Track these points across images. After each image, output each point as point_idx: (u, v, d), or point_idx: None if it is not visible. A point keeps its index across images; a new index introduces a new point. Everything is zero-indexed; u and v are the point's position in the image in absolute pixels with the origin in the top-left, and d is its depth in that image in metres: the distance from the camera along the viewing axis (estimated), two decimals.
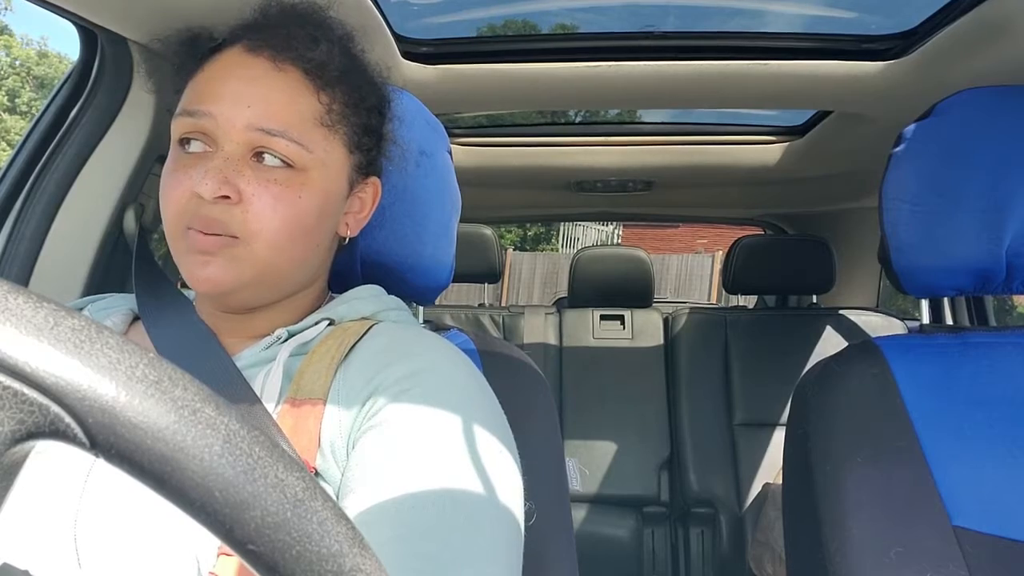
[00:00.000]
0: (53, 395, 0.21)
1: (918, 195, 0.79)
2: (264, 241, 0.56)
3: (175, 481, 0.22)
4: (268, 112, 0.56)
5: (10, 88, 13.98)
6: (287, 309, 0.63)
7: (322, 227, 0.60)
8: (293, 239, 0.57)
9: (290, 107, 0.57)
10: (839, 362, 0.82)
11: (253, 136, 0.56)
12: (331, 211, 0.61)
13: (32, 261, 0.90)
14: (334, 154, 0.60)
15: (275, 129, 0.56)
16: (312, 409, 0.53)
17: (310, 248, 0.60)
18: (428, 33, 1.18)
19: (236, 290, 0.57)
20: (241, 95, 0.56)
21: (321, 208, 0.59)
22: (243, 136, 0.56)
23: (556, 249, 11.61)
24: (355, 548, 0.24)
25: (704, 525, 1.80)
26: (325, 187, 0.59)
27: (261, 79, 0.57)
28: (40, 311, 0.22)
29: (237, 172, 0.55)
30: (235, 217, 0.55)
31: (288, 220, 0.56)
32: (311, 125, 0.58)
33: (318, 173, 0.58)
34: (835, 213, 2.16)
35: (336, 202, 0.62)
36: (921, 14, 1.05)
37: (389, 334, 0.59)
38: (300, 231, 0.57)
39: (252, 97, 0.56)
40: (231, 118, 0.56)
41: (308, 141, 0.57)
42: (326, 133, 0.59)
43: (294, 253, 0.58)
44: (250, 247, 0.55)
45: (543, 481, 0.71)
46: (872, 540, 0.70)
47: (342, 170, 0.61)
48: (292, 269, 0.59)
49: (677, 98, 1.36)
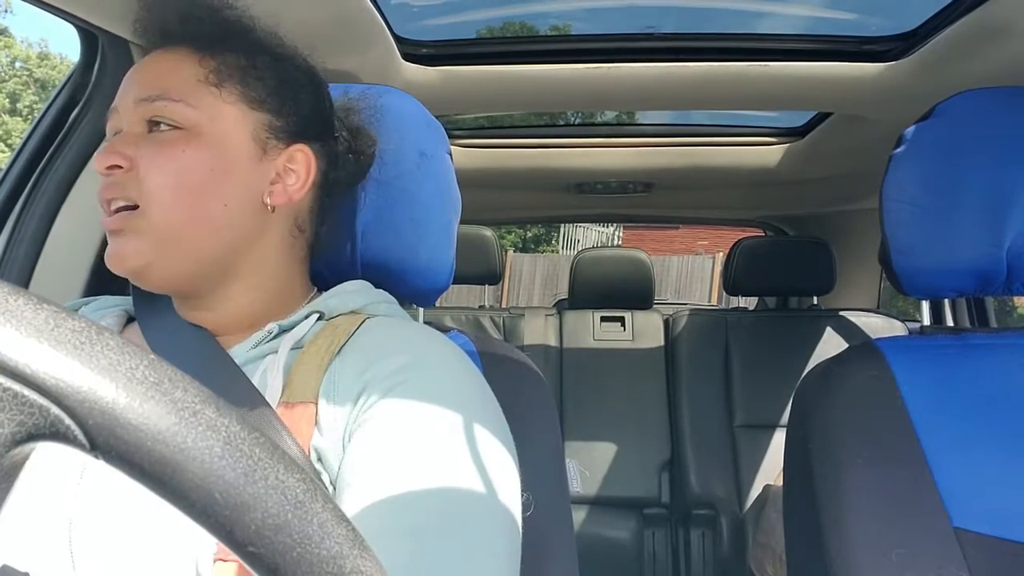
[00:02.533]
0: (53, 397, 0.21)
1: (918, 196, 0.79)
2: (156, 202, 0.56)
3: (175, 483, 0.22)
4: (148, 82, 0.59)
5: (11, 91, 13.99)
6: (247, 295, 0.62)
7: (220, 185, 0.59)
8: (181, 195, 0.57)
9: (170, 73, 0.60)
10: (840, 363, 0.82)
11: (140, 109, 0.58)
12: (231, 169, 0.59)
13: (32, 263, 0.90)
14: (225, 110, 0.60)
15: (153, 94, 0.58)
16: (304, 412, 0.52)
17: (210, 208, 0.58)
18: (429, 35, 1.18)
19: (148, 265, 0.57)
20: (132, 82, 0.61)
21: (213, 163, 0.58)
22: (133, 114, 0.59)
23: (556, 251, 11.61)
24: (356, 550, 0.24)
25: (705, 527, 1.80)
26: (218, 143, 0.59)
27: (148, 64, 0.61)
28: (40, 313, 0.22)
29: (130, 144, 0.58)
30: (129, 182, 0.57)
31: (173, 175, 0.57)
32: (194, 85, 0.59)
33: (209, 129, 0.59)
34: (835, 214, 2.16)
35: (238, 161, 0.60)
36: (921, 16, 1.05)
37: (380, 329, 0.59)
38: (189, 187, 0.57)
39: (139, 79, 0.60)
40: (125, 101, 0.60)
41: (190, 98, 0.59)
42: (213, 91, 0.60)
43: (190, 212, 0.57)
44: (147, 214, 0.56)
45: (543, 483, 0.71)
46: (873, 541, 0.70)
47: (240, 126, 0.60)
48: (194, 232, 0.58)
49: (677, 99, 1.36)
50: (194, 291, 0.61)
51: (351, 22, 0.95)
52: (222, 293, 0.61)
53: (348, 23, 0.95)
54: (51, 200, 0.90)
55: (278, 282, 0.63)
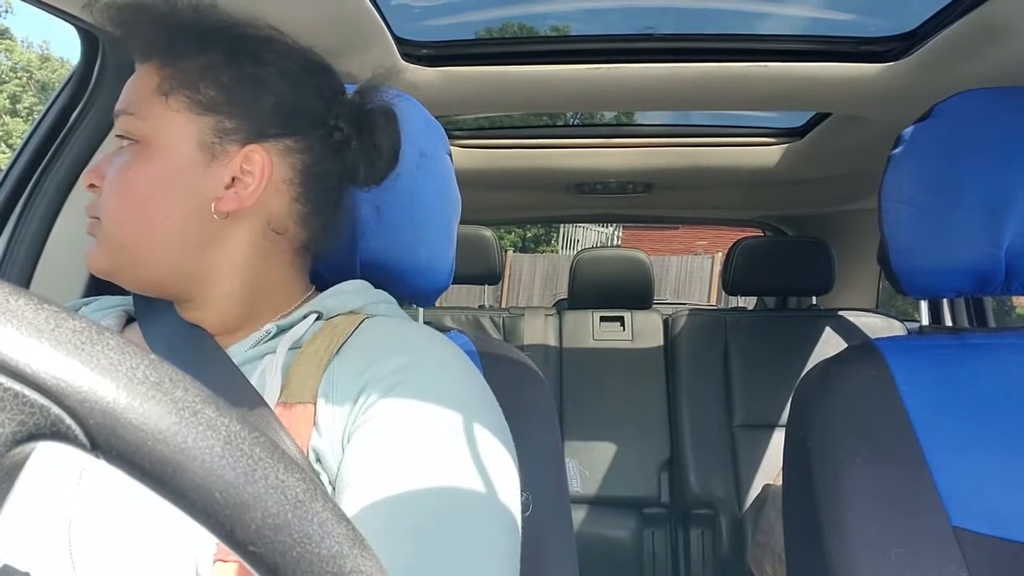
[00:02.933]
0: (54, 397, 0.21)
1: (917, 196, 0.79)
2: (108, 216, 0.59)
3: (176, 483, 0.22)
4: (121, 99, 0.61)
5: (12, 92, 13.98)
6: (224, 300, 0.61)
7: (161, 197, 0.58)
8: (125, 210, 0.59)
9: (132, 87, 0.61)
10: (839, 363, 0.82)
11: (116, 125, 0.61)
12: (172, 180, 0.58)
13: (33, 263, 0.90)
14: (171, 119, 0.59)
15: (119, 109, 0.61)
16: (303, 412, 0.52)
17: (153, 220, 0.58)
18: (429, 35, 1.19)
19: (111, 270, 0.61)
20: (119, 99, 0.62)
21: (155, 175, 0.58)
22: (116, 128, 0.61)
23: (556, 251, 11.60)
24: (355, 549, 0.24)
25: (704, 526, 1.80)
26: (161, 154, 0.58)
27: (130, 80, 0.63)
28: (41, 313, 0.22)
29: (108, 162, 0.61)
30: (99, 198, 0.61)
31: (120, 191, 0.59)
32: (148, 97, 0.60)
33: (157, 141, 0.59)
34: (834, 215, 2.17)
35: (180, 170, 0.58)
36: (920, 16, 1.05)
37: (379, 329, 0.59)
38: (133, 201, 0.58)
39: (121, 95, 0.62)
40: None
41: (142, 111, 0.59)
42: (162, 100, 0.59)
43: (134, 225, 0.58)
44: (104, 224, 0.60)
45: (543, 482, 0.71)
46: (872, 541, 0.70)
47: (184, 134, 0.59)
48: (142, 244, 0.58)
49: (677, 100, 1.36)
50: (175, 294, 0.62)
51: (351, 23, 0.95)
52: (202, 296, 0.61)
53: (348, 24, 0.95)
54: (52, 200, 0.90)
55: (261, 283, 0.62)
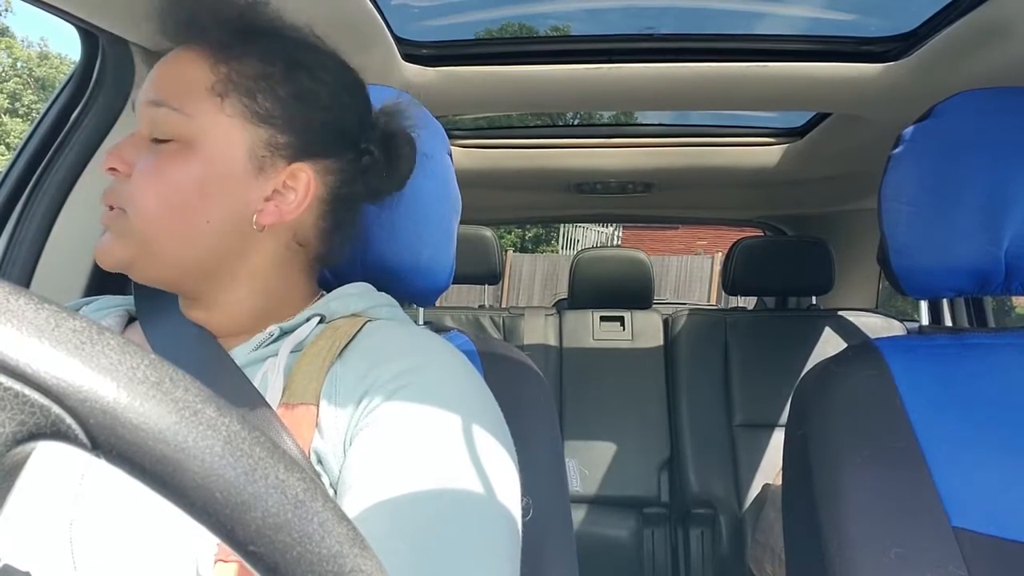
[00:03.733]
0: (54, 396, 0.21)
1: (917, 196, 0.79)
2: (138, 212, 0.56)
3: (176, 482, 0.22)
4: (158, 85, 0.58)
5: (11, 91, 13.98)
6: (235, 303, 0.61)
7: (204, 202, 0.57)
8: (164, 210, 0.56)
9: (176, 78, 0.58)
10: (838, 363, 0.82)
11: (148, 112, 0.58)
12: (218, 187, 0.57)
13: (33, 263, 0.90)
14: (224, 124, 0.57)
15: (157, 99, 0.57)
16: (305, 413, 0.52)
17: (191, 223, 0.57)
18: (429, 35, 1.19)
19: (129, 263, 0.58)
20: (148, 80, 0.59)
21: (202, 181, 0.56)
22: (143, 115, 0.58)
23: (556, 251, 11.60)
24: (355, 549, 0.24)
25: (704, 526, 1.80)
26: (210, 159, 0.57)
27: (165, 63, 0.59)
28: (41, 312, 0.22)
29: (135, 149, 0.58)
30: (122, 190, 0.57)
31: (160, 191, 0.56)
32: (198, 94, 0.57)
33: (204, 144, 0.57)
34: (834, 214, 2.17)
35: (228, 178, 0.57)
36: (920, 16, 1.05)
37: (382, 332, 0.59)
38: (173, 202, 0.56)
39: (153, 78, 0.59)
40: (140, 101, 0.59)
41: (189, 108, 0.56)
42: (217, 102, 0.57)
43: (172, 227, 0.56)
44: (129, 220, 0.57)
45: (543, 482, 0.71)
46: (871, 541, 0.70)
47: (236, 143, 0.57)
48: (173, 243, 0.57)
49: (676, 100, 1.36)
50: (185, 292, 0.61)
51: (351, 23, 0.95)
52: (214, 298, 0.61)
53: (348, 24, 0.95)
54: (52, 200, 0.90)
55: (275, 291, 0.62)
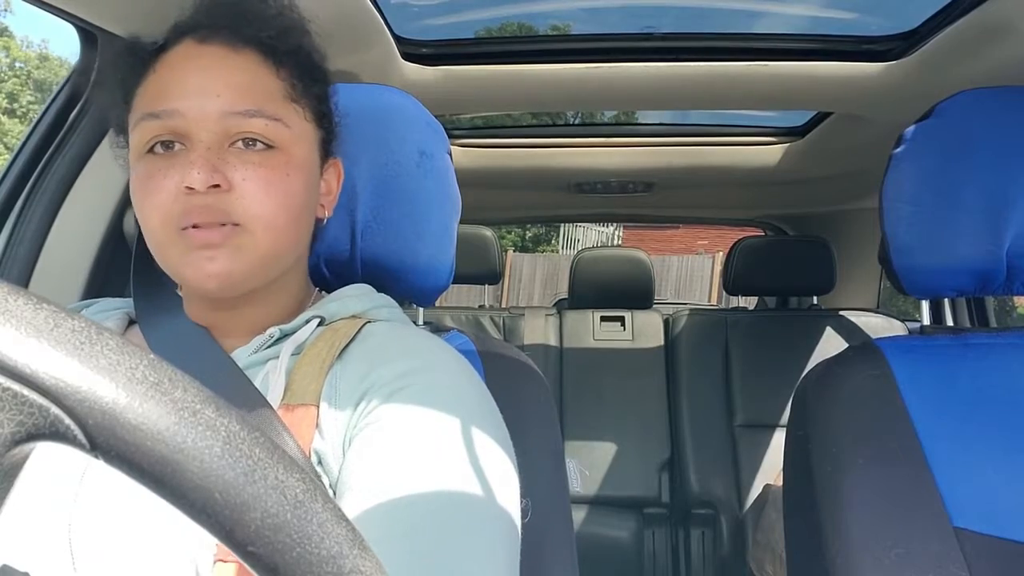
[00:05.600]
0: (53, 397, 0.21)
1: (918, 196, 0.79)
2: (264, 225, 0.54)
3: (175, 483, 0.22)
4: (238, 95, 0.55)
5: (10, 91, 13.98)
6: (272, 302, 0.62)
7: (310, 205, 0.60)
8: (289, 220, 0.56)
9: (257, 86, 0.56)
10: (840, 363, 0.82)
11: (230, 123, 0.54)
12: (314, 187, 0.61)
13: (32, 263, 0.90)
14: (307, 128, 0.60)
15: (251, 109, 0.55)
16: (305, 414, 0.52)
17: (303, 228, 0.60)
18: (428, 34, 1.19)
19: (244, 281, 0.56)
20: (206, 86, 0.55)
21: (307, 185, 0.59)
22: (219, 125, 0.54)
23: (556, 250, 11.60)
24: (355, 549, 0.24)
25: (705, 526, 1.80)
26: (306, 163, 0.59)
27: (220, 66, 0.56)
28: (40, 313, 0.22)
29: (223, 160, 0.54)
30: (232, 204, 0.53)
31: (282, 201, 0.56)
32: (281, 101, 0.57)
33: (298, 149, 0.58)
34: (835, 214, 2.17)
35: (316, 178, 0.62)
36: (921, 15, 1.05)
37: (381, 334, 0.59)
38: (295, 211, 0.57)
39: (217, 85, 0.55)
40: (203, 109, 0.54)
41: (284, 116, 0.57)
42: (296, 108, 0.58)
43: (291, 235, 0.58)
44: (252, 234, 0.54)
45: (543, 482, 0.71)
46: (872, 541, 0.70)
47: (315, 144, 0.61)
48: (289, 252, 0.59)
49: (677, 99, 1.36)
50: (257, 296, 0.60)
51: (351, 22, 0.95)
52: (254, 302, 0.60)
53: (348, 23, 0.95)
54: (51, 199, 0.90)
55: (290, 287, 0.63)
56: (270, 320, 0.61)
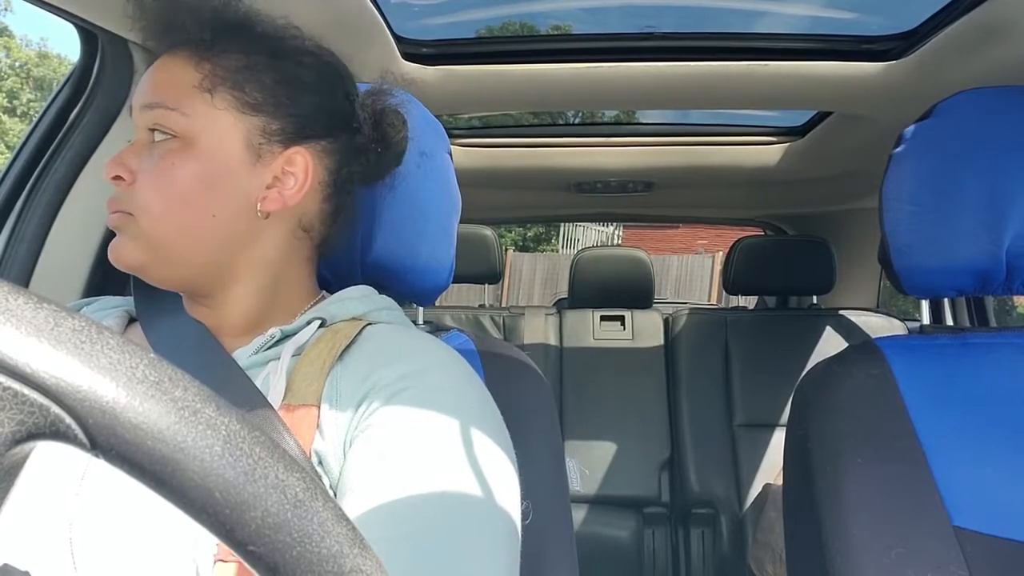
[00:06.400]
0: (53, 396, 0.21)
1: (918, 196, 0.79)
2: (146, 214, 0.58)
3: (175, 482, 0.22)
4: (150, 89, 0.60)
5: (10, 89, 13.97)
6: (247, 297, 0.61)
7: (209, 196, 0.58)
8: (171, 208, 0.58)
9: (167, 80, 0.60)
10: (839, 363, 0.82)
11: (144, 116, 0.59)
12: (220, 179, 0.58)
13: (32, 262, 0.90)
14: (217, 117, 0.59)
15: (153, 101, 0.59)
16: (306, 415, 0.52)
17: (198, 219, 0.58)
18: (428, 34, 1.18)
19: (142, 266, 0.59)
20: (140, 86, 0.61)
21: (202, 175, 0.58)
22: (139, 120, 0.60)
23: (556, 250, 11.60)
24: (355, 549, 0.24)
25: (705, 526, 1.80)
26: (208, 153, 0.58)
27: (155, 69, 0.61)
28: (40, 312, 0.22)
29: (135, 155, 0.59)
30: (127, 196, 0.58)
31: (163, 189, 0.58)
32: (188, 92, 0.59)
33: (204, 138, 0.58)
34: (835, 214, 2.16)
35: (228, 170, 0.59)
36: (921, 15, 1.05)
37: (382, 336, 0.59)
38: (178, 199, 0.57)
39: (144, 84, 0.61)
40: (134, 108, 0.61)
41: (183, 106, 0.58)
42: (207, 98, 0.59)
43: (180, 222, 0.58)
44: (138, 222, 0.58)
45: (543, 482, 0.71)
46: (872, 541, 0.70)
47: (232, 133, 0.59)
48: (183, 241, 0.58)
49: (677, 99, 1.36)
50: (195, 291, 0.61)
51: (351, 21, 0.95)
52: (224, 295, 0.61)
53: (348, 22, 0.95)
54: (51, 199, 0.90)
55: (282, 283, 0.63)
56: (268, 320, 0.61)
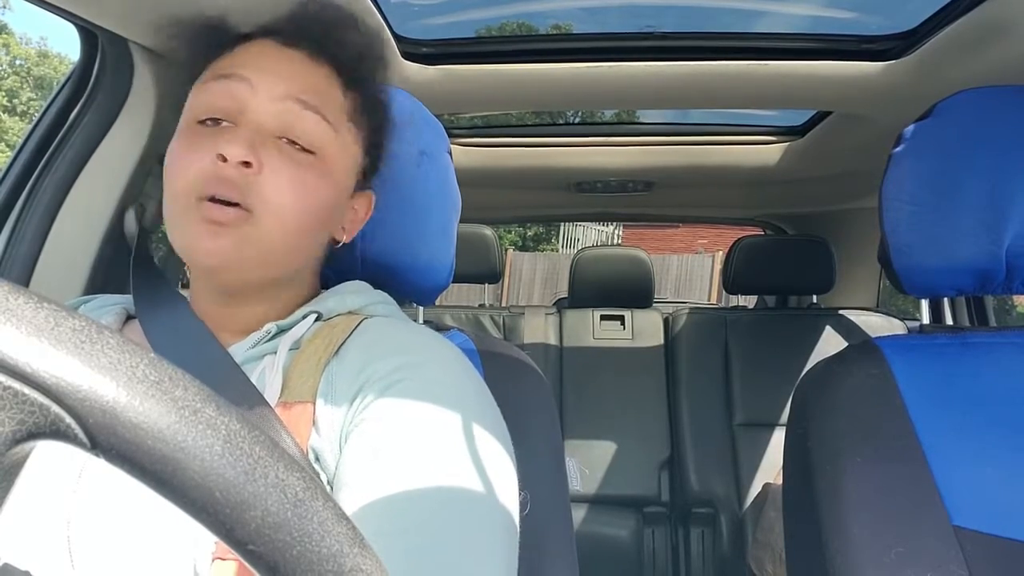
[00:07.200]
0: (54, 396, 0.21)
1: (918, 195, 0.79)
2: (276, 216, 0.55)
3: (176, 481, 0.22)
4: (304, 87, 0.57)
5: (9, 88, 13.96)
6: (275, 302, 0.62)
7: (328, 219, 0.61)
8: (301, 221, 0.57)
9: (325, 91, 0.59)
10: (839, 362, 0.82)
11: (287, 107, 0.56)
12: (339, 206, 0.62)
13: (33, 262, 0.90)
14: (352, 149, 0.62)
15: (311, 102, 0.57)
16: (302, 412, 0.52)
17: (313, 237, 0.60)
18: (428, 34, 1.18)
19: (239, 268, 0.56)
20: (278, 70, 0.58)
21: (332, 199, 0.60)
22: (277, 106, 0.56)
23: (556, 249, 11.60)
24: (355, 548, 0.24)
25: (704, 525, 1.80)
26: (339, 180, 0.61)
27: (298, 64, 0.59)
28: (40, 312, 0.22)
29: (263, 145, 0.55)
30: (253, 186, 0.54)
31: (301, 200, 0.56)
32: (340, 114, 0.60)
33: (337, 164, 0.60)
34: (835, 213, 2.16)
35: (344, 199, 0.63)
36: (921, 14, 1.05)
37: (378, 328, 0.59)
38: (309, 215, 0.57)
39: (291, 73, 0.58)
40: (269, 86, 0.56)
41: (337, 125, 0.59)
42: (351, 128, 0.61)
43: (299, 238, 0.58)
44: (260, 224, 0.55)
45: (543, 481, 0.71)
46: (872, 540, 0.70)
47: (354, 169, 0.63)
48: (293, 254, 0.59)
49: (677, 98, 1.36)
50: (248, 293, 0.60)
51: None
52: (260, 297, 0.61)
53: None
54: (52, 198, 0.90)
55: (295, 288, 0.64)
56: (270, 318, 0.61)
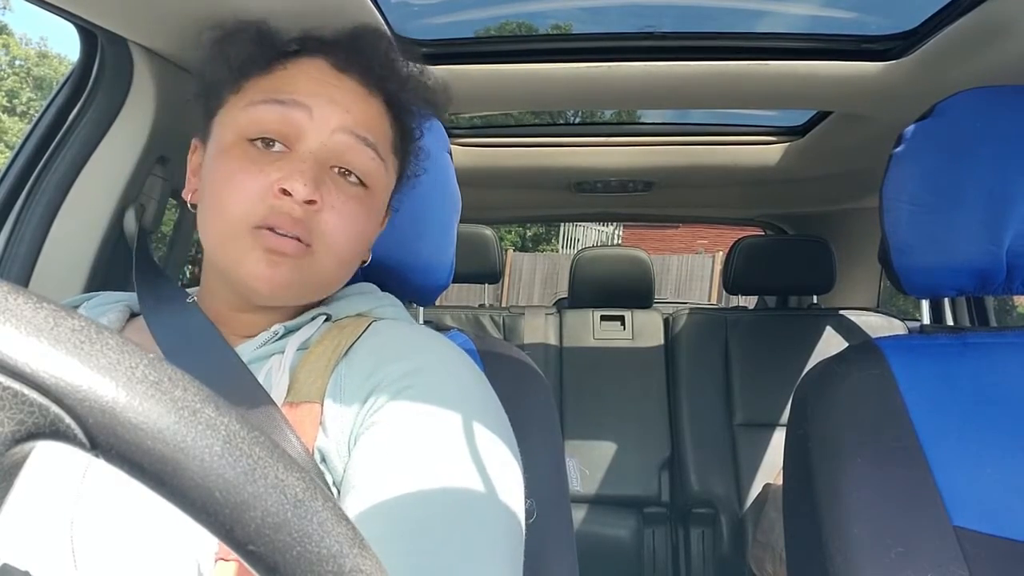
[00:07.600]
0: (53, 396, 0.21)
1: (918, 195, 0.79)
2: (331, 251, 0.57)
3: (175, 482, 0.22)
4: (364, 123, 0.58)
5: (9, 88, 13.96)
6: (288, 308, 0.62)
7: (366, 247, 0.64)
8: (353, 256, 0.60)
9: (378, 127, 0.60)
10: (839, 362, 0.82)
11: (344, 140, 0.56)
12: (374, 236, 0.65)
13: (32, 262, 0.90)
14: (391, 178, 0.64)
15: (369, 139, 0.58)
16: (309, 412, 0.52)
17: (355, 264, 0.63)
18: (428, 34, 1.18)
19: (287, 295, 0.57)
20: (338, 99, 0.57)
21: (375, 229, 0.64)
22: (333, 138, 0.56)
23: (556, 250, 11.60)
24: (355, 548, 0.24)
25: (705, 525, 1.80)
26: (380, 209, 0.63)
27: (354, 93, 0.59)
28: (40, 312, 0.22)
29: (322, 178, 0.55)
30: (315, 225, 0.55)
31: (354, 237, 0.58)
32: (388, 148, 0.62)
33: (383, 195, 0.62)
34: (835, 213, 2.16)
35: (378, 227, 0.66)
36: (921, 14, 1.05)
37: (388, 332, 0.59)
38: (360, 248, 0.61)
39: (348, 104, 0.57)
40: (327, 116, 0.56)
41: (387, 161, 0.61)
42: (394, 159, 0.63)
43: (347, 269, 0.61)
44: (317, 257, 0.56)
45: (543, 481, 0.71)
46: (872, 540, 0.70)
47: (387, 198, 0.65)
48: (337, 282, 0.62)
49: (677, 98, 1.36)
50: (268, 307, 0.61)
51: (350, 21, 0.95)
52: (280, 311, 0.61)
53: (347, 22, 0.94)
54: (51, 199, 0.90)
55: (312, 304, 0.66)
56: (279, 320, 0.61)
